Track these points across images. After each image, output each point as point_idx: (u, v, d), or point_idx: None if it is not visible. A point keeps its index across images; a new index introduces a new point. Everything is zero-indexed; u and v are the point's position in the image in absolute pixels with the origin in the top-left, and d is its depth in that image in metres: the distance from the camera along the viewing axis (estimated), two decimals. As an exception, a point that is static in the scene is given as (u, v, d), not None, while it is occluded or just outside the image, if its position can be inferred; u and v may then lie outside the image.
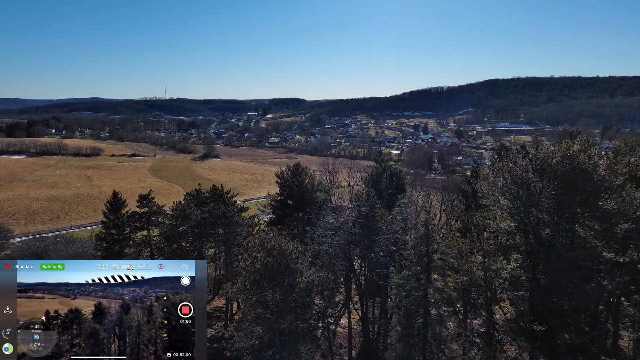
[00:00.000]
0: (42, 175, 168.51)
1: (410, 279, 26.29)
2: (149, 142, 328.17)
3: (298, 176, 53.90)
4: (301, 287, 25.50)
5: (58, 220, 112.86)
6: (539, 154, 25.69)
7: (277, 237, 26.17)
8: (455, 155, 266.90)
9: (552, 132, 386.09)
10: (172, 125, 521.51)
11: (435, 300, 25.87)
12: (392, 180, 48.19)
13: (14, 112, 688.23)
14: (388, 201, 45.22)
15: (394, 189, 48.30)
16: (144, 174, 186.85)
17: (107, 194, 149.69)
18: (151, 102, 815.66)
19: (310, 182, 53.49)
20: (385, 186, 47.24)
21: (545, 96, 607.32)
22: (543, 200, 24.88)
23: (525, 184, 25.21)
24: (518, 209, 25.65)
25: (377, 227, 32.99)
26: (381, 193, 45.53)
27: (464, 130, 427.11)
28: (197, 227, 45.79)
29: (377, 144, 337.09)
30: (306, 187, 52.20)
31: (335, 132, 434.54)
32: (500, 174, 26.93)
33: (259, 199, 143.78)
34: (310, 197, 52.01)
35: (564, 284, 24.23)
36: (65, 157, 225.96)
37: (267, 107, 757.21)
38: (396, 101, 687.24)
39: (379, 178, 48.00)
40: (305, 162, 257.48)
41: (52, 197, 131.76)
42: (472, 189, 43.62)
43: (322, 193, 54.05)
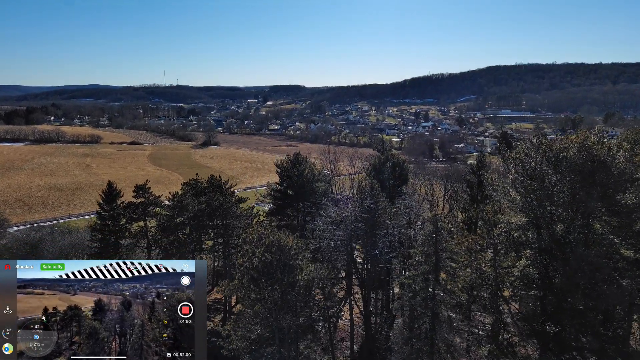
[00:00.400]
0: (40, 163, 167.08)
1: (417, 279, 24.89)
2: (148, 129, 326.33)
3: (298, 165, 52.47)
4: (301, 285, 24.20)
5: (56, 209, 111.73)
6: (553, 145, 24.06)
7: (276, 232, 24.78)
8: (457, 142, 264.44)
9: (554, 120, 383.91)
10: (171, 112, 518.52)
11: (443, 302, 24.48)
12: (394, 170, 46.73)
13: (13, 99, 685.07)
14: (391, 192, 43.82)
15: (397, 179, 46.90)
16: (143, 162, 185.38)
17: (105, 182, 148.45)
18: (151, 89, 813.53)
19: (310, 171, 52.06)
20: (387, 176, 45.82)
21: (547, 83, 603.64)
22: (558, 194, 23.39)
23: (539, 177, 23.68)
24: (531, 204, 24.16)
25: (380, 221, 31.57)
26: (384, 183, 44.12)
27: (465, 117, 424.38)
28: (194, 219, 44.45)
29: (377, 132, 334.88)
30: (306, 177, 50.79)
31: (335, 120, 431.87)
32: (512, 166, 25.35)
33: (258, 188, 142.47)
34: (310, 187, 50.64)
35: (582, 284, 22.84)
36: (64, 145, 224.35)
37: (267, 94, 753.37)
38: (397, 88, 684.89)
39: (382, 168, 46.56)
40: (306, 149, 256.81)
41: (50, 186, 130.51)
42: (477, 179, 42.21)
43: (323, 183, 52.65)
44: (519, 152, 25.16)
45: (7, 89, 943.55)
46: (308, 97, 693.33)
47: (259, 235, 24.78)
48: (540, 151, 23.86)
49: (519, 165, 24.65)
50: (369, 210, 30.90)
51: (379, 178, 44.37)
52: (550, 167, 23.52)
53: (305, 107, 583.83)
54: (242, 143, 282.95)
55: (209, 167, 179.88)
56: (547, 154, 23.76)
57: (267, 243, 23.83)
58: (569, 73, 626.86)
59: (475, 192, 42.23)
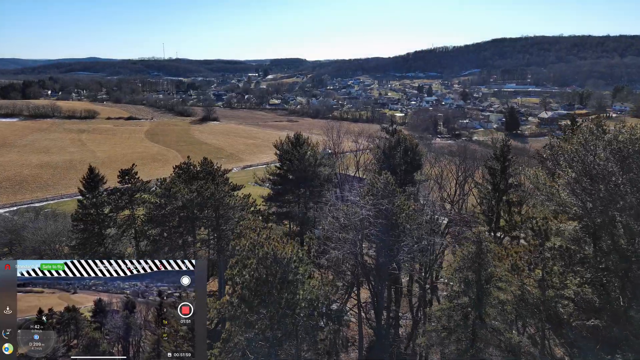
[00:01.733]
0: (34, 140, 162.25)
1: (455, 313, 20.26)
2: (146, 104, 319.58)
3: (299, 147, 47.78)
4: (303, 306, 19.83)
5: (48, 189, 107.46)
6: (618, 136, 19.08)
7: (271, 241, 20.27)
8: (461, 118, 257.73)
9: (561, 94, 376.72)
10: (170, 86, 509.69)
11: (486, 343, 19.79)
12: (406, 154, 41.99)
13: (10, 73, 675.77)
14: (402, 179, 39.18)
15: (409, 165, 42.21)
16: (140, 138, 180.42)
17: (101, 159, 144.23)
18: (149, 63, 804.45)
19: (312, 154, 47.34)
20: (399, 162, 41.13)
21: (553, 56, 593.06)
22: (624, 197, 18.64)
23: (603, 178, 18.85)
24: (591, 210, 19.44)
25: (397, 224, 26.92)
26: (395, 170, 39.48)
27: (469, 92, 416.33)
28: (183, 209, 39.98)
29: (380, 106, 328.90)
30: (308, 161, 46.15)
31: (337, 94, 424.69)
32: (565, 162, 20.54)
33: (258, 166, 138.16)
34: (313, 172, 46.08)
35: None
36: (59, 120, 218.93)
37: (267, 68, 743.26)
38: (400, 62, 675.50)
39: (392, 152, 41.82)
40: (307, 125, 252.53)
41: (43, 164, 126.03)
42: (501, 165, 37.50)
43: (327, 167, 47.96)
44: (577, 145, 20.12)
45: (5, 62, 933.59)
46: (309, 71, 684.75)
47: (251, 242, 20.36)
48: (605, 143, 18.97)
49: (577, 162, 19.74)
50: (385, 212, 26.27)
51: (389, 163, 39.71)
52: (617, 165, 18.78)
53: (306, 80, 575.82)
54: (242, 118, 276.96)
55: (207, 143, 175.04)
56: (613, 147, 18.91)
57: (261, 255, 19.45)
58: (575, 46, 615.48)
59: (498, 180, 37.61)
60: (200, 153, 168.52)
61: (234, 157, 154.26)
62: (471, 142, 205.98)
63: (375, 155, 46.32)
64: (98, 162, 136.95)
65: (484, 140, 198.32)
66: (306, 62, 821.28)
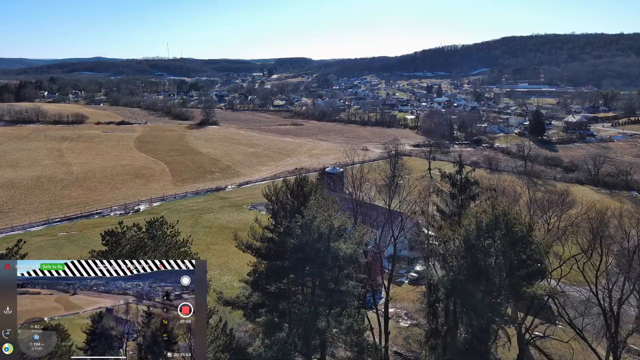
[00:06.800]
0: (5, 151, 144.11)
1: None
2: (142, 106, 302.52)
3: (303, 206, 29.44)
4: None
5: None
6: None
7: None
8: (478, 121, 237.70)
9: (579, 94, 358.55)
10: (172, 86, 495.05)
11: None
12: (513, 247, 22.89)
13: (14, 73, 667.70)
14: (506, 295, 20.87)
15: (522, 266, 23.01)
16: (128, 147, 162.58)
17: (75, 174, 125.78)
18: (154, 62, 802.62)
19: (324, 218, 28.51)
20: (498, 261, 22.26)
21: (566, 54, 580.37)
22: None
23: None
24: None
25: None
26: (488, 274, 21.03)
27: (480, 91, 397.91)
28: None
29: (389, 107, 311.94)
30: (317, 230, 27.66)
31: (343, 94, 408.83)
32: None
33: (256, 182, 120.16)
34: (326, 248, 27.65)
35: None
36: (43, 126, 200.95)
37: (272, 67, 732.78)
38: (407, 61, 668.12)
39: (481, 238, 22.45)
40: (313, 129, 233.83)
41: (4, 182, 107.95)
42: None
43: (350, 243, 28.90)
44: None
45: (11, 62, 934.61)
46: (315, 70, 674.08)
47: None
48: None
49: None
50: None
51: (474, 260, 21.35)
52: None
53: (312, 80, 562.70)
54: (243, 121, 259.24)
55: (202, 153, 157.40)
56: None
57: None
58: (588, 44, 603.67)
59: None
60: (192, 166, 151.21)
61: (229, 170, 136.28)
62: (493, 149, 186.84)
63: (445, 242, 26.33)
64: (71, 179, 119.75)
65: (508, 147, 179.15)
66: (312, 62, 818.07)
